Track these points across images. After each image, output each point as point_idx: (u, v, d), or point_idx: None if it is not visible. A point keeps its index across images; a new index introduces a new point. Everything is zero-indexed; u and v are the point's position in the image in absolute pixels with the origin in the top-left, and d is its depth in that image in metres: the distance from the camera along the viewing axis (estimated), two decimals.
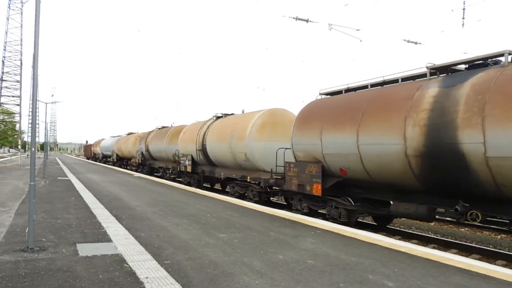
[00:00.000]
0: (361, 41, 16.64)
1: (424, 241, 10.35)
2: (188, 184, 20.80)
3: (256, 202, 13.95)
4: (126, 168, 37.43)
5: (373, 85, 10.06)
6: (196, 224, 8.48)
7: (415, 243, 9.04)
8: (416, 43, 17.45)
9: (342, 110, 10.01)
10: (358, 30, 16.19)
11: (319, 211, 11.84)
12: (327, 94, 11.65)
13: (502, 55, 7.27)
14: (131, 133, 40.59)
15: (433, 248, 9.33)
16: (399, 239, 9.92)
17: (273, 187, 13.59)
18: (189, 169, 19.96)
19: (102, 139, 60.96)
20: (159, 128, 29.77)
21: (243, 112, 17.57)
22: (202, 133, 18.68)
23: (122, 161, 41.82)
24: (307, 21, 15.52)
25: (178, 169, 22.06)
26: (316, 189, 10.56)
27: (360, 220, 12.49)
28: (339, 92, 11.18)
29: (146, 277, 4.79)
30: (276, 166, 13.27)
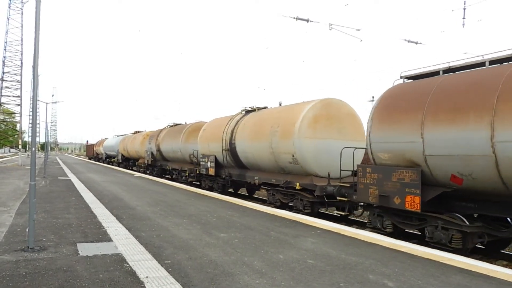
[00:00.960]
0: (361, 41, 16.64)
1: (425, 241, 10.32)
2: (210, 189, 18.24)
3: (307, 214, 11.27)
4: (132, 169, 35.56)
5: (493, 62, 7.61)
6: (197, 224, 8.47)
7: (416, 243, 9.03)
8: (416, 43, 17.44)
9: (460, 94, 7.30)
10: (358, 30, 16.18)
11: (410, 231, 9.45)
12: (414, 77, 9.13)
13: None
14: (138, 132, 37.71)
15: (434, 248, 9.31)
16: (399, 239, 9.89)
17: (333, 197, 10.82)
18: (211, 172, 17.33)
19: (105, 138, 59.13)
20: (172, 126, 26.77)
21: (280, 104, 15.01)
22: (230, 130, 16.06)
23: (128, 161, 39.37)
24: (307, 21, 15.51)
25: (197, 172, 19.28)
26: (412, 203, 7.96)
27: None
28: (432, 74, 8.75)
29: (147, 277, 4.79)
30: (340, 170, 10.67)
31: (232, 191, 18.98)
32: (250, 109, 16.28)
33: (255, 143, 14.03)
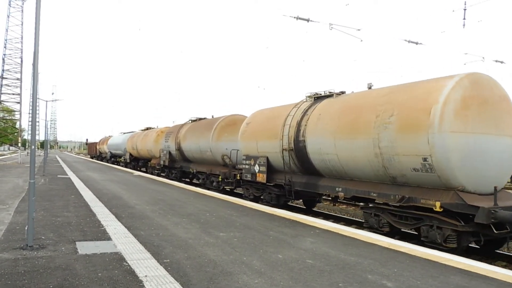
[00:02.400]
0: (361, 41, 16.64)
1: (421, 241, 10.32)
2: (254, 200, 14.21)
3: (450, 250, 7.56)
4: (141, 171, 32.00)
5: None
6: (196, 223, 8.47)
7: (415, 243, 9.03)
8: (416, 43, 17.45)
9: None
10: (359, 30, 16.18)
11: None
12: None
13: None
14: (149, 128, 33.59)
15: (433, 248, 9.31)
16: (398, 239, 9.91)
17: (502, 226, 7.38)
18: (261, 178, 13.43)
19: (109, 136, 54.87)
20: (194, 120, 22.82)
21: (370, 87, 10.64)
22: (294, 123, 11.97)
23: (138, 162, 34.72)
24: (308, 20, 15.51)
25: (238, 177, 15.16)
26: None
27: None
28: None
29: (145, 276, 4.79)
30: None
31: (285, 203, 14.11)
32: (323, 94, 11.99)
33: (344, 140, 9.84)
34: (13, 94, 44.76)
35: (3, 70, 43.90)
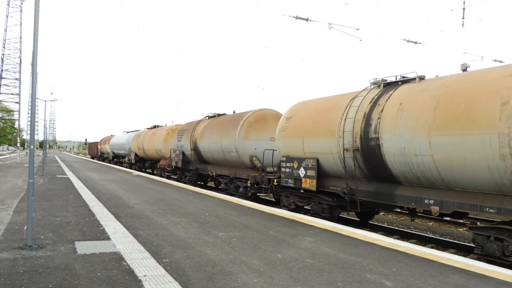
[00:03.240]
0: (360, 40, 16.65)
1: (423, 240, 10.36)
2: (296, 210, 11.79)
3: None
4: (148, 172, 30.32)
5: None
6: (195, 222, 8.47)
7: (414, 243, 9.05)
8: (416, 42, 17.46)
9: None
10: (358, 29, 16.19)
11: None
12: None
13: None
14: (157, 126, 31.45)
15: (432, 247, 9.34)
16: (397, 239, 9.93)
17: None
18: (309, 184, 10.93)
19: (111, 135, 52.66)
20: (212, 116, 20.26)
21: (465, 70, 8.49)
22: (361, 116, 9.52)
23: (144, 163, 32.31)
24: (307, 20, 15.52)
25: (275, 182, 13.11)
26: None
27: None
28: None
29: (145, 275, 4.79)
30: None
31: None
32: (397, 79, 9.59)
33: (446, 137, 7.46)
34: (12, 94, 44.72)
35: (2, 70, 43.86)
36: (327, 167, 10.67)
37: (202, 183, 21.47)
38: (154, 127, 31.71)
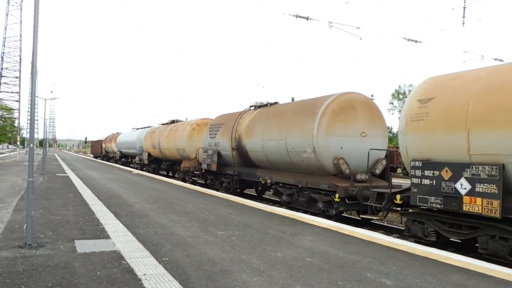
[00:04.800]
0: (361, 39, 16.63)
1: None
2: (437, 244, 7.96)
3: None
4: (164, 175, 26.45)
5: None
6: (195, 221, 8.47)
7: (414, 242, 9.04)
8: (416, 41, 17.45)
9: None
10: (358, 28, 16.18)
11: None
12: None
13: None
14: (177, 121, 26.57)
15: (432, 246, 9.32)
16: (397, 237, 9.92)
17: None
18: (484, 207, 6.65)
19: (117, 133, 48.24)
20: (261, 106, 15.53)
21: None
22: None
23: (159, 164, 27.98)
24: (307, 18, 15.50)
25: (399, 201, 8.39)
26: None
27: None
28: None
29: (144, 274, 4.78)
30: None
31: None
32: None
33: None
34: (12, 92, 44.69)
35: (2, 69, 43.83)
36: None
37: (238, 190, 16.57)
38: (172, 122, 27.04)
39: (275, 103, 15.07)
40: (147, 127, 33.94)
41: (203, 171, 18.35)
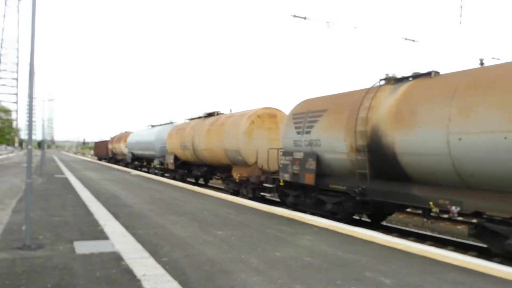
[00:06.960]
0: (359, 38, 16.66)
1: (421, 238, 10.37)
2: None
3: None
4: (200, 184, 21.68)
5: None
6: (194, 221, 8.47)
7: (412, 241, 9.07)
8: (413, 40, 17.49)
9: None
10: (355, 27, 16.20)
11: None
12: None
13: None
14: (217, 114, 19.55)
15: (430, 245, 9.35)
16: (396, 237, 9.94)
17: None
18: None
19: (127, 132, 40.64)
20: (416, 76, 8.68)
21: None
22: None
23: (190, 169, 21.72)
24: (304, 18, 15.53)
25: None
26: None
27: None
28: None
29: (144, 275, 4.79)
30: None
31: None
32: None
33: None
34: (10, 94, 44.62)
35: None
36: None
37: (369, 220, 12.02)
38: (209, 115, 20.11)
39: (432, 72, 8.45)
40: (169, 123, 27.42)
41: (282, 183, 12.43)
